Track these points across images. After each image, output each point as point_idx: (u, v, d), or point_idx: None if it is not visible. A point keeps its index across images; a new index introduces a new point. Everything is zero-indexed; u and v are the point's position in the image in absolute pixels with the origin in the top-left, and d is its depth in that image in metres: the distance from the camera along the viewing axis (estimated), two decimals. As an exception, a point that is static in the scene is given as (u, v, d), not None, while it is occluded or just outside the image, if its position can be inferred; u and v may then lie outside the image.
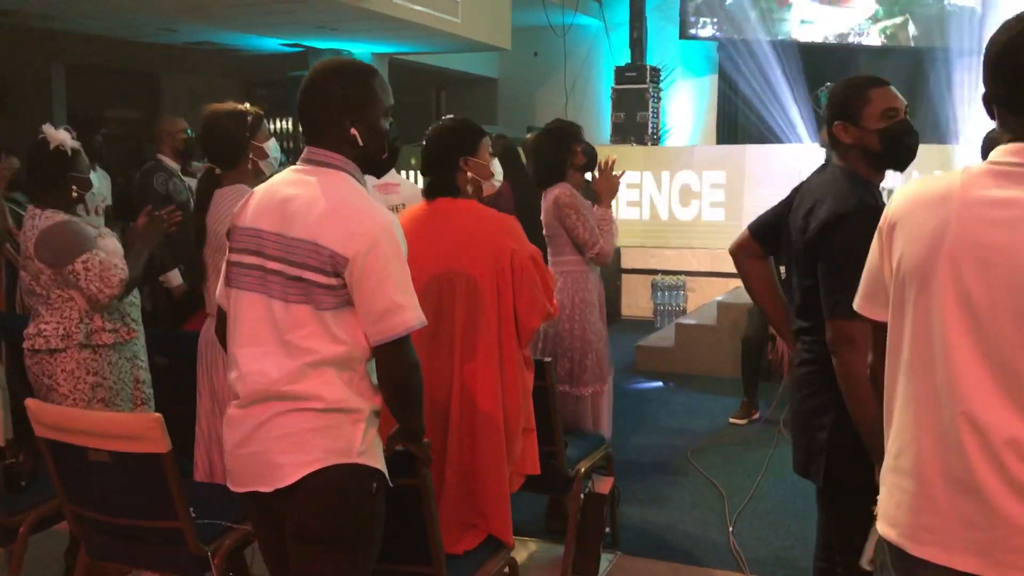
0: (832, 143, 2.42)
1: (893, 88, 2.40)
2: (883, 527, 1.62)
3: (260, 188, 2.18)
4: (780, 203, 2.73)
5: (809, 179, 2.56)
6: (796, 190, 2.63)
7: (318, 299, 2.00)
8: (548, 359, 3.31)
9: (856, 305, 1.70)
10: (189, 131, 5.44)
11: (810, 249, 2.34)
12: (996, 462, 1.44)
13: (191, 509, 2.54)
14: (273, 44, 9.67)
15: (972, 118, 8.73)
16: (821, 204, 2.32)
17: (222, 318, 2.22)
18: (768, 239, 2.74)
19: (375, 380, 2.11)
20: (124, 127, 11.12)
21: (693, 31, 10.87)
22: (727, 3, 10.65)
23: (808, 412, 2.41)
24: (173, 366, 3.65)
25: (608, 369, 4.08)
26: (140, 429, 2.45)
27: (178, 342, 3.80)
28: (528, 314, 2.73)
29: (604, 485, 3.68)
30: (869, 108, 2.35)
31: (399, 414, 2.18)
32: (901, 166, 2.36)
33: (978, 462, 1.45)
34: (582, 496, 3.52)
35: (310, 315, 2.01)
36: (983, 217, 1.46)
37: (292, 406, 2.03)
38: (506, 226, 2.80)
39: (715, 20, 10.70)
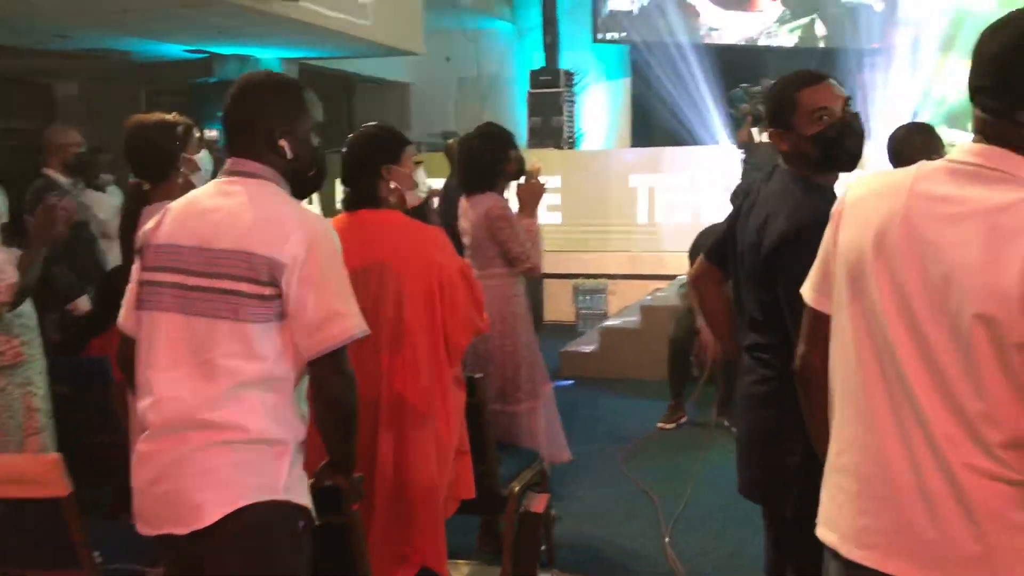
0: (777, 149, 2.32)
1: (830, 82, 2.29)
2: (823, 531, 1.56)
3: (177, 203, 2.06)
4: (727, 219, 2.58)
5: (758, 187, 2.44)
6: (736, 196, 2.55)
7: (247, 312, 1.89)
8: (479, 375, 3.17)
9: (807, 297, 1.62)
10: (83, 146, 5.10)
11: (768, 265, 2.22)
12: (944, 468, 1.40)
13: (97, 554, 2.33)
14: (175, 50, 9.33)
15: (879, 116, 8.91)
16: (776, 217, 2.21)
17: (126, 344, 2.07)
18: (726, 261, 2.61)
19: (304, 409, 1.98)
20: (17, 138, 10.61)
21: (605, 35, 10.91)
22: (639, 8, 10.71)
23: (770, 432, 2.27)
24: (76, 394, 3.42)
25: (542, 382, 3.97)
26: (38, 472, 2.23)
27: (81, 368, 3.56)
28: (458, 331, 2.60)
29: (539, 503, 3.57)
30: (798, 113, 2.24)
31: (331, 437, 2.05)
32: (846, 168, 2.27)
33: (925, 465, 1.41)
34: (517, 515, 3.40)
35: (234, 331, 1.89)
36: (928, 212, 1.43)
37: (211, 438, 1.89)
38: (433, 239, 2.67)
39: (627, 24, 10.76)
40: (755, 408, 2.33)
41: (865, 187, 1.56)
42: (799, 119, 2.25)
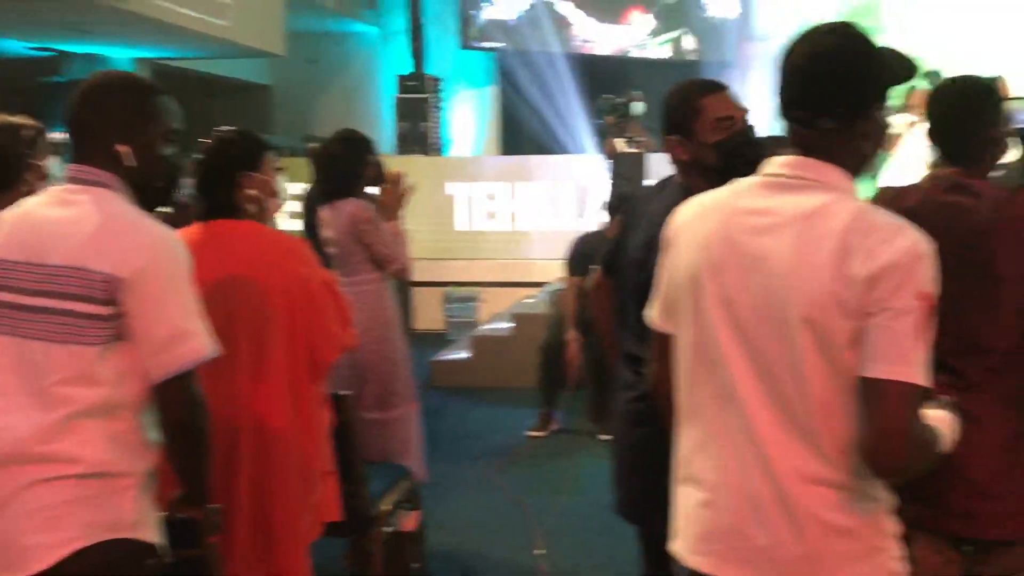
0: (671, 159, 2.28)
1: (730, 93, 2.28)
2: (673, 542, 1.60)
3: (8, 214, 1.90)
4: (615, 229, 2.60)
5: (647, 199, 2.41)
6: (616, 206, 2.52)
7: (83, 334, 1.74)
8: (347, 392, 3.05)
9: (652, 319, 1.65)
10: None
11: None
12: (770, 475, 1.46)
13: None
14: (19, 47, 8.80)
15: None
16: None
17: None
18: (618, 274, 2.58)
19: (153, 437, 1.84)
20: None
21: (474, 41, 10.88)
22: (514, 18, 10.73)
23: (646, 452, 2.22)
24: None
25: (414, 387, 3.91)
26: None
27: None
28: (324, 348, 2.47)
29: (410, 520, 3.47)
30: (701, 120, 2.22)
31: (182, 466, 1.91)
32: (743, 176, 2.27)
33: (754, 472, 1.47)
34: (386, 535, 3.29)
35: (70, 355, 1.75)
36: (744, 225, 1.50)
37: (45, 472, 1.72)
38: (295, 250, 2.53)
39: (500, 32, 10.77)
40: (633, 425, 2.30)
41: (691, 210, 1.62)
42: (702, 126, 2.22)
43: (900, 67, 1.57)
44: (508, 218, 9.35)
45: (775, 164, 1.54)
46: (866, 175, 1.53)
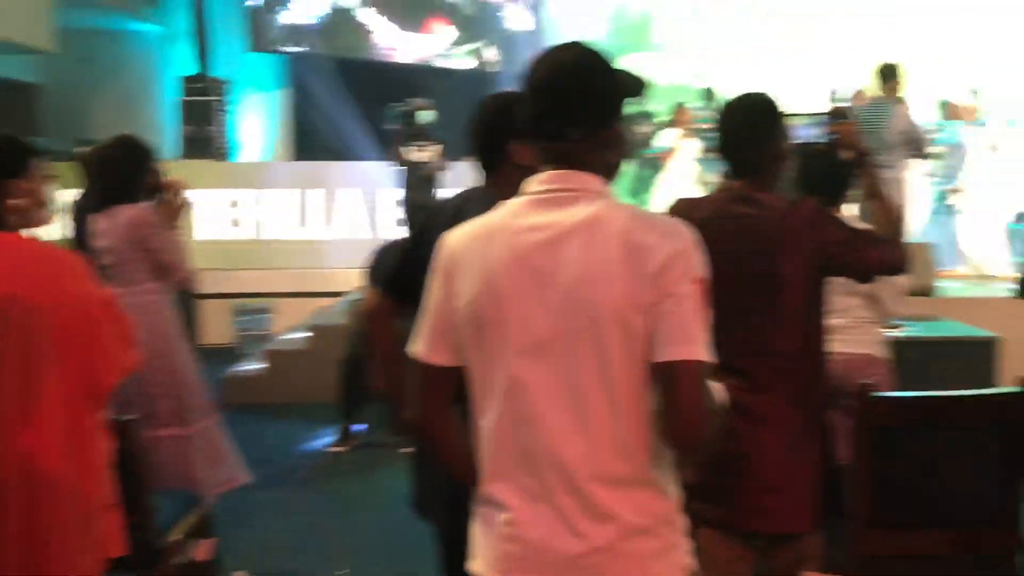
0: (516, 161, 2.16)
1: None
2: (472, 563, 1.62)
3: None
4: (404, 246, 2.45)
5: (453, 210, 2.33)
6: (417, 216, 2.45)
7: None
8: (131, 417, 2.83)
9: (417, 352, 1.63)
10: None
11: None
12: (572, 487, 1.50)
13: None
14: None
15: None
16: None
17: None
18: (408, 291, 2.44)
19: None
20: None
21: (264, 44, 10.53)
22: (308, 20, 10.46)
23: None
24: None
25: (211, 399, 3.73)
26: None
27: None
28: (104, 372, 2.26)
29: (203, 550, 3.27)
30: None
31: None
32: None
33: (557, 488, 1.51)
34: (178, 567, 3.08)
35: None
36: (530, 242, 1.53)
37: None
38: (68, 265, 2.30)
39: (293, 35, 10.48)
40: None
41: (466, 236, 1.61)
42: None
43: (632, 83, 1.67)
44: (301, 226, 9.11)
45: (536, 182, 1.59)
46: (614, 182, 1.62)
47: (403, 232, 5.33)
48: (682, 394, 1.49)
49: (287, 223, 9.16)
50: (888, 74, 7.18)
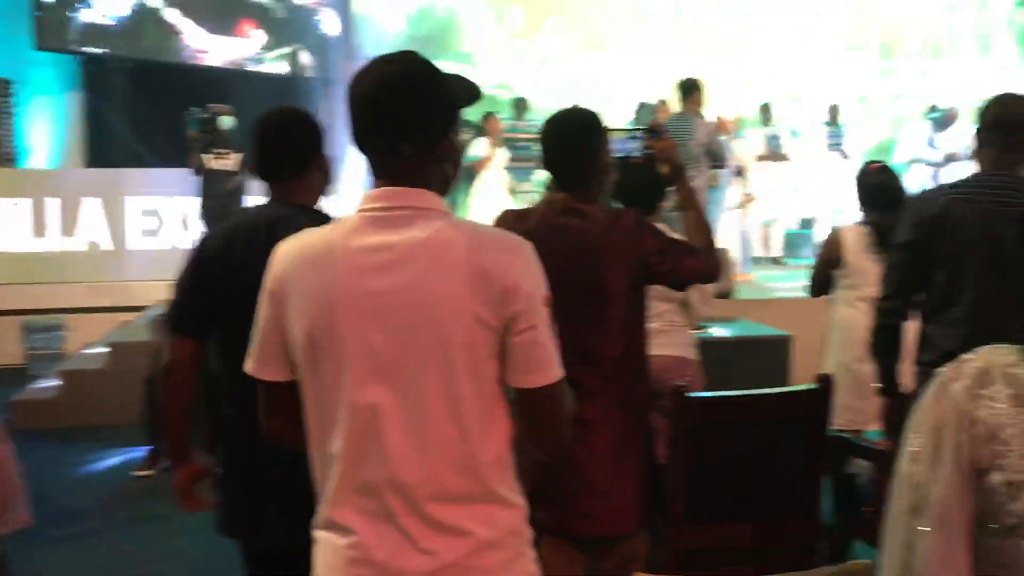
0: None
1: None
2: None
3: None
4: (190, 279, 2.28)
5: (265, 223, 2.20)
6: (221, 228, 2.32)
7: None
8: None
9: (250, 371, 1.59)
10: None
11: None
12: (415, 510, 1.49)
13: None
14: None
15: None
16: None
17: None
18: (205, 328, 2.27)
19: None
20: None
21: (55, 43, 9.82)
22: (108, 20, 9.84)
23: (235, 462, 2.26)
24: None
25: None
26: None
27: None
28: None
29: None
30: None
31: None
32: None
33: (399, 510, 1.49)
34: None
35: None
36: (366, 265, 1.48)
37: None
38: None
39: (92, 35, 9.82)
40: (228, 433, 2.31)
41: (296, 259, 1.54)
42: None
43: (465, 91, 1.65)
44: (100, 236, 8.58)
45: (370, 199, 1.53)
46: (450, 195, 1.60)
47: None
48: (548, 412, 1.55)
49: (83, 233, 8.59)
50: (688, 89, 7.56)
